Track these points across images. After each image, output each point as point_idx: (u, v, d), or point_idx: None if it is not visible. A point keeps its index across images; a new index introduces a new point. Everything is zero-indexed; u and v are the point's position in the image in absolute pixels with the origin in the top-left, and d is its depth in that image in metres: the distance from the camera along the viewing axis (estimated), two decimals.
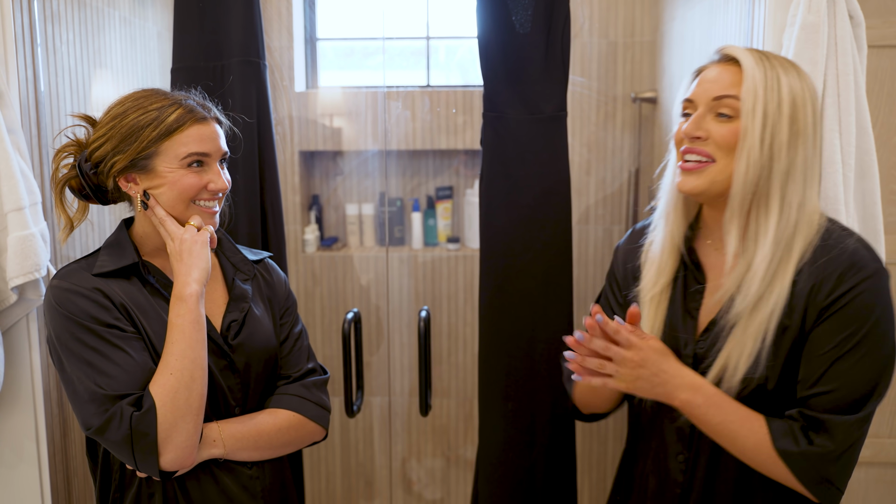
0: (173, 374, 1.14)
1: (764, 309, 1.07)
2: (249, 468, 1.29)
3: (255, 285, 1.37)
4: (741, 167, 1.07)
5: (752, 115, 1.06)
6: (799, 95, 1.07)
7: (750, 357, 1.07)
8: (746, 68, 1.08)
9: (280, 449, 1.31)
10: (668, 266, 1.21)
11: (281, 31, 2.51)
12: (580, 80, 2.50)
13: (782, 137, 1.06)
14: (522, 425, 1.69)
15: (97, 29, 1.80)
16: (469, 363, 2.67)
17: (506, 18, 1.58)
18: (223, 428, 1.25)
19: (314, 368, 1.40)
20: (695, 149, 1.12)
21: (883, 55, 1.68)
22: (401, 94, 2.55)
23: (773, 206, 1.07)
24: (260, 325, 1.32)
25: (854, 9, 1.45)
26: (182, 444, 1.15)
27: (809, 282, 1.07)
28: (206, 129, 1.22)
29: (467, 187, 2.66)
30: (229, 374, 1.27)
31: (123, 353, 1.15)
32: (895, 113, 1.70)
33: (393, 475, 2.73)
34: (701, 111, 1.12)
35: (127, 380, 1.14)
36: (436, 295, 2.64)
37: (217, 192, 1.24)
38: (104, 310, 1.17)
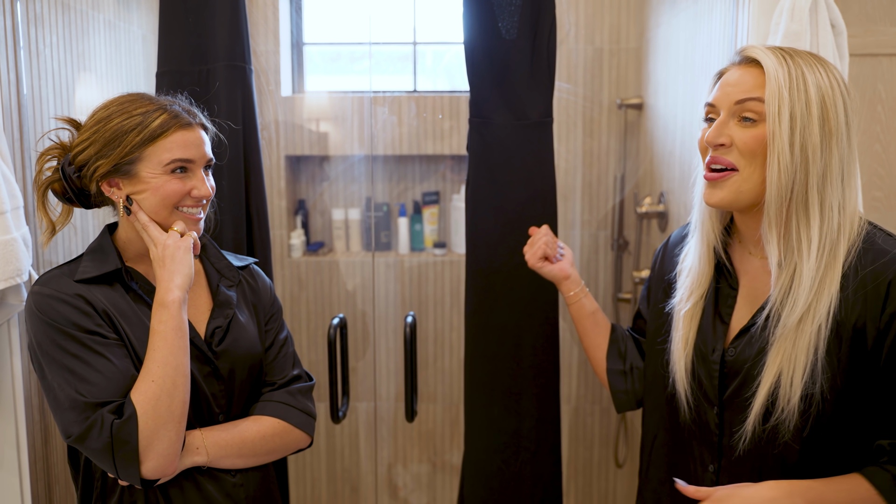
0: (155, 381, 1.13)
1: (813, 320, 1.01)
2: (233, 476, 1.28)
3: (240, 291, 1.36)
4: (773, 173, 1.01)
5: (777, 119, 1.00)
6: (828, 92, 1.01)
7: (804, 371, 1.01)
8: (769, 69, 1.02)
9: (264, 456, 1.30)
10: (703, 277, 1.17)
11: (267, 36, 2.51)
12: (566, 87, 2.51)
13: (815, 140, 1.00)
14: (508, 430, 1.69)
15: (81, 32, 1.78)
16: (455, 368, 2.66)
17: (492, 24, 1.58)
18: (206, 435, 1.23)
19: (299, 375, 1.39)
20: (718, 158, 1.06)
21: (864, 64, 1.70)
22: (387, 99, 2.55)
23: (814, 212, 1.02)
24: (244, 332, 1.31)
25: (836, 18, 1.47)
26: (164, 452, 1.14)
27: (860, 290, 1.01)
28: (190, 135, 1.21)
29: (454, 192, 2.66)
30: (213, 380, 1.26)
31: (105, 359, 1.14)
32: (876, 120, 1.72)
33: (379, 481, 2.72)
34: (723, 117, 1.06)
35: (108, 387, 1.13)
36: (422, 300, 2.64)
37: (201, 198, 1.23)
38: (86, 316, 1.16)
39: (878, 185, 1.74)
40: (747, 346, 1.11)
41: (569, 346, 2.63)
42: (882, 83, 1.71)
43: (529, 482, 1.71)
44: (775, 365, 1.04)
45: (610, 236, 2.59)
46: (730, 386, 1.13)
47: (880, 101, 1.71)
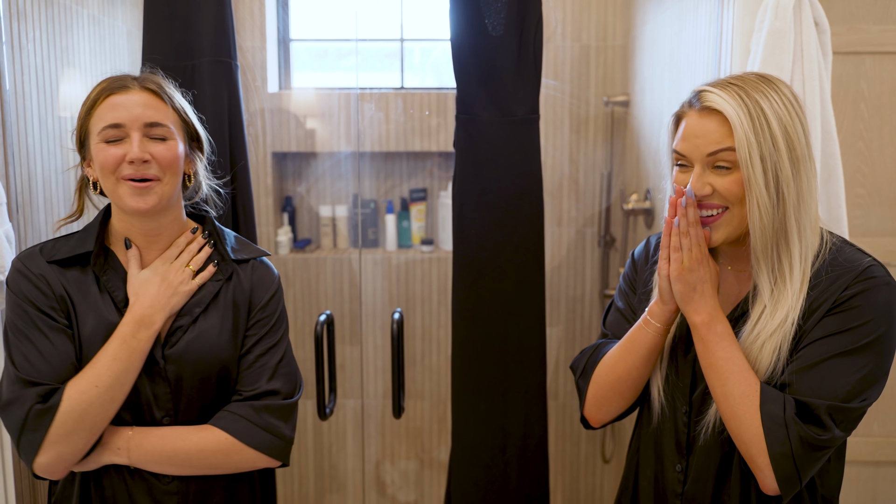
0: (99, 388, 1.12)
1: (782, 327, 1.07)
2: (167, 482, 1.21)
3: (226, 288, 1.26)
4: (755, 217, 1.05)
5: (750, 165, 1.03)
6: (787, 120, 1.05)
7: (766, 370, 1.07)
8: (732, 119, 1.04)
9: (205, 470, 1.21)
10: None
11: (253, 32, 2.50)
12: (553, 84, 2.52)
13: (786, 173, 1.04)
14: (495, 426, 1.69)
15: (65, 27, 1.77)
16: (443, 365, 2.67)
17: (479, 21, 1.58)
18: (136, 437, 1.18)
19: (275, 390, 1.24)
20: (705, 204, 1.10)
21: (847, 62, 1.72)
22: (374, 95, 2.54)
23: (793, 238, 1.06)
24: (205, 336, 1.22)
25: (819, 16, 1.48)
26: (63, 455, 1.12)
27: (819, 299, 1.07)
28: (121, 97, 1.15)
29: (441, 189, 2.66)
30: (159, 381, 1.20)
31: (48, 341, 1.14)
32: (859, 118, 1.73)
33: (366, 477, 2.72)
34: (698, 170, 1.09)
35: (43, 368, 1.13)
36: (409, 297, 2.64)
37: (134, 162, 1.13)
38: (42, 296, 1.16)
39: (861, 182, 1.76)
40: None
41: (555, 343, 2.64)
42: (865, 81, 1.72)
43: (516, 478, 1.71)
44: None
45: (597, 233, 2.60)
46: (699, 386, 1.16)
47: (863, 99, 1.73)
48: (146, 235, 1.22)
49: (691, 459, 1.18)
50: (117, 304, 1.19)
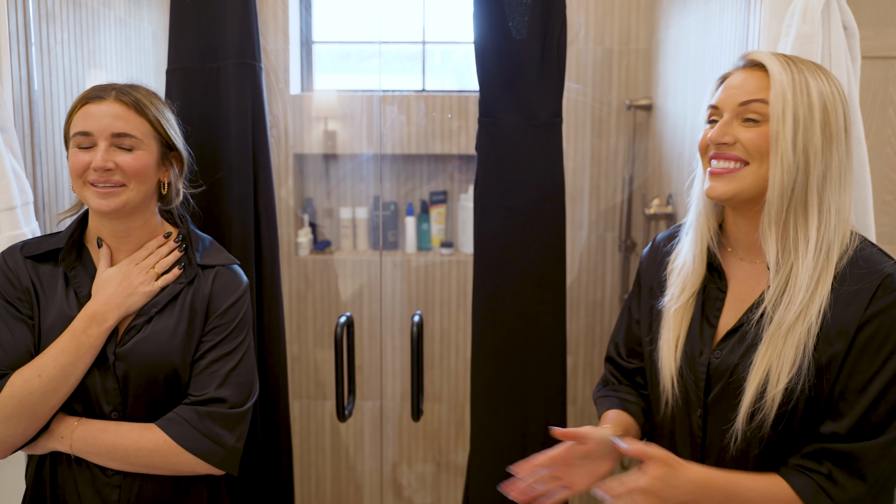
0: (42, 377, 1.17)
1: (804, 319, 1.03)
2: (109, 475, 1.24)
3: (186, 291, 1.28)
4: (776, 173, 1.03)
5: (782, 120, 1.03)
6: (829, 99, 1.04)
7: (792, 367, 1.03)
8: (774, 73, 1.05)
9: (143, 469, 1.23)
10: (696, 276, 1.18)
11: (277, 34, 2.51)
12: (575, 87, 2.51)
13: (816, 142, 1.03)
14: (515, 431, 1.69)
15: (92, 29, 1.79)
16: (461, 368, 2.66)
17: (502, 24, 1.58)
18: (80, 429, 1.22)
19: (222, 398, 1.25)
20: (723, 154, 1.09)
21: (876, 66, 1.69)
22: (396, 98, 2.55)
23: (812, 213, 1.04)
24: (156, 337, 1.24)
25: (848, 20, 1.46)
26: (2, 438, 1.18)
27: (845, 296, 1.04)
28: (93, 108, 1.21)
29: (461, 192, 2.66)
30: (109, 377, 1.23)
31: (7, 330, 1.21)
32: (888, 123, 1.71)
33: (384, 480, 2.72)
34: (727, 117, 1.08)
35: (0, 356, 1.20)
36: (429, 300, 2.64)
37: (97, 169, 1.18)
38: (10, 287, 1.23)
39: (889, 189, 1.73)
40: (734, 349, 1.11)
41: (575, 347, 2.63)
42: (894, 86, 1.70)
43: None
44: (764, 362, 1.06)
45: (618, 237, 2.58)
46: (714, 388, 1.14)
47: (892, 104, 1.70)
48: (115, 236, 1.28)
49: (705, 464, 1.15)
50: (80, 300, 1.24)
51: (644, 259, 1.35)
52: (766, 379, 1.05)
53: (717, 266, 1.18)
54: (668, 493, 1.04)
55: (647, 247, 1.36)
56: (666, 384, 1.20)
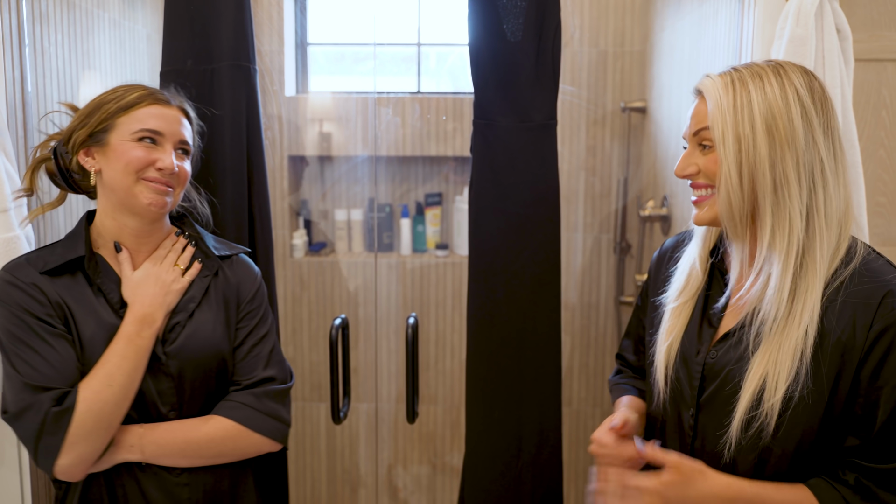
0: (112, 387, 1.15)
1: (795, 326, 1.03)
2: (177, 475, 1.25)
3: (214, 283, 1.32)
4: (722, 195, 1.07)
5: (723, 143, 1.05)
6: (777, 103, 1.04)
7: (789, 374, 1.03)
8: (710, 97, 1.08)
9: (214, 459, 1.26)
10: (696, 280, 1.21)
11: (272, 36, 2.51)
12: (570, 89, 2.51)
13: (761, 154, 1.03)
14: (510, 433, 1.69)
15: (86, 30, 1.79)
16: (456, 370, 2.66)
17: (497, 26, 1.58)
18: (146, 433, 1.22)
19: (272, 377, 1.32)
20: (695, 184, 1.13)
21: (869, 69, 1.70)
22: (391, 100, 2.55)
23: (767, 222, 1.05)
24: (202, 330, 1.27)
25: (841, 22, 1.47)
26: (83, 456, 1.14)
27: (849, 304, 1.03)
28: (165, 110, 1.23)
29: (456, 194, 2.66)
30: (162, 377, 1.24)
31: (50, 347, 1.16)
32: (881, 126, 1.72)
33: (379, 482, 2.72)
34: (689, 148, 1.14)
35: (51, 374, 1.15)
36: (424, 301, 2.64)
37: (164, 170, 1.21)
38: (38, 304, 1.18)
39: (882, 191, 1.74)
40: (730, 350, 1.12)
41: (570, 350, 2.63)
42: (887, 88, 1.70)
43: (530, 485, 1.70)
44: (761, 368, 1.06)
45: (613, 239, 2.59)
46: (707, 388, 1.14)
47: (885, 107, 1.71)
48: (139, 236, 1.27)
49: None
50: (113, 307, 1.22)
51: (653, 263, 1.37)
52: (762, 386, 1.05)
53: (721, 269, 1.20)
54: (677, 499, 1.06)
55: (656, 252, 1.38)
56: (659, 378, 1.21)
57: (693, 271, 1.21)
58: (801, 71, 1.07)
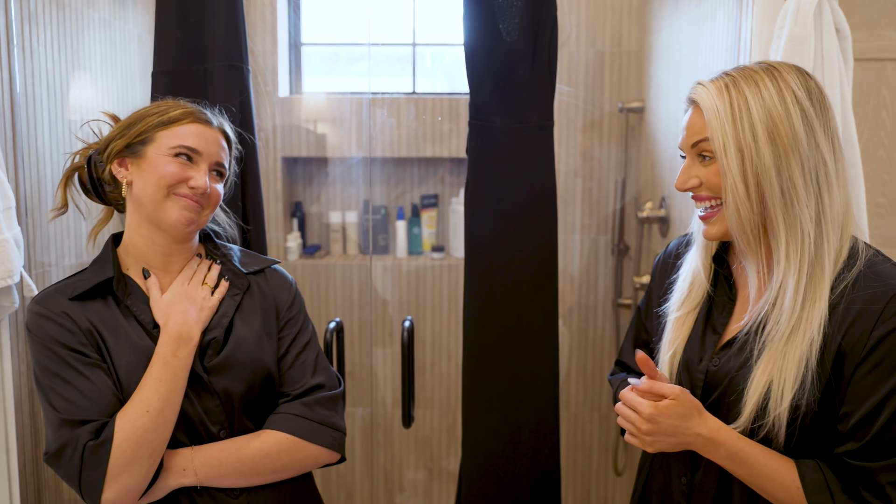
0: (150, 412, 1.10)
1: (804, 334, 1.02)
2: (235, 496, 1.20)
3: (249, 298, 1.29)
4: (731, 207, 1.04)
5: (724, 154, 1.03)
6: (775, 107, 1.02)
7: (794, 382, 1.02)
8: (706, 107, 1.05)
9: (272, 475, 1.21)
10: (699, 289, 1.19)
11: (265, 36, 2.50)
12: (567, 90, 2.51)
13: (766, 162, 1.01)
14: (507, 437, 1.68)
15: (76, 31, 1.77)
16: (453, 374, 2.65)
17: (493, 26, 1.58)
18: (197, 455, 1.17)
19: (321, 384, 1.28)
20: (697, 196, 1.11)
21: (868, 68, 1.69)
22: (386, 100, 2.54)
23: (781, 233, 1.03)
24: (242, 344, 1.23)
25: (840, 22, 1.46)
26: (129, 486, 1.10)
27: (852, 310, 1.01)
28: (204, 129, 1.22)
29: (452, 196, 2.65)
30: (207, 396, 1.20)
31: (85, 378, 1.12)
32: (881, 126, 1.71)
33: (374, 487, 2.70)
34: (688, 160, 1.11)
35: (87, 406, 1.11)
36: (420, 304, 2.63)
37: (196, 189, 1.19)
38: (69, 334, 1.14)
39: (882, 192, 1.73)
40: (732, 358, 1.11)
41: (567, 353, 2.62)
42: (886, 88, 1.70)
43: (528, 489, 1.69)
44: (765, 376, 1.04)
45: (610, 241, 2.58)
46: (711, 395, 1.13)
47: (885, 107, 1.70)
48: (167, 255, 1.23)
49: (697, 473, 1.15)
50: (147, 329, 1.18)
51: (657, 267, 1.35)
52: (767, 394, 1.04)
53: (726, 275, 1.18)
54: (669, 425, 1.07)
55: (659, 255, 1.36)
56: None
57: (696, 280, 1.19)
58: (797, 71, 1.05)
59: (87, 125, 1.39)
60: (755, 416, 1.05)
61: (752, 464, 1.05)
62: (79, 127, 1.56)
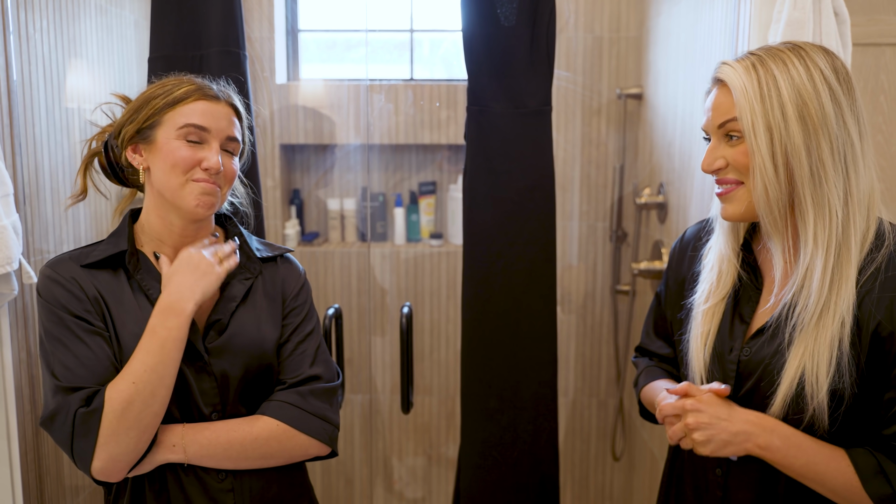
0: (136, 384, 1.11)
1: (832, 315, 1.01)
2: (221, 479, 1.21)
3: (259, 284, 1.29)
4: (759, 187, 1.03)
5: (753, 133, 1.02)
6: (804, 87, 1.01)
7: (829, 366, 1.01)
8: (735, 87, 1.04)
9: (260, 461, 1.21)
10: (727, 278, 1.18)
11: (262, 22, 2.49)
12: (565, 75, 2.51)
13: (796, 142, 1.01)
14: (505, 423, 1.69)
15: (72, 17, 1.77)
16: (451, 360, 2.67)
17: (491, 11, 1.58)
18: (188, 433, 1.18)
19: (318, 375, 1.27)
20: (722, 179, 1.10)
21: (867, 53, 1.70)
22: (384, 87, 2.54)
23: (808, 212, 1.02)
24: (246, 328, 1.24)
25: (839, 6, 1.47)
26: (116, 456, 1.11)
27: (886, 292, 1.01)
28: (212, 106, 1.20)
29: (451, 182, 2.65)
30: (204, 377, 1.20)
31: (84, 346, 1.14)
32: (879, 111, 1.72)
33: (374, 473, 2.72)
34: (713, 141, 1.10)
35: (83, 373, 1.12)
36: (418, 291, 2.64)
37: (210, 170, 1.18)
38: (75, 300, 1.16)
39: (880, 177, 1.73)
40: (765, 345, 1.10)
41: (566, 339, 2.64)
42: (885, 73, 1.70)
43: (526, 475, 1.71)
44: (796, 360, 1.04)
45: (608, 227, 2.59)
46: (745, 386, 1.12)
47: (883, 92, 1.71)
48: (184, 236, 1.23)
49: (731, 466, 1.15)
50: (153, 303, 1.19)
51: (674, 254, 1.34)
52: (801, 379, 1.03)
53: (751, 263, 1.17)
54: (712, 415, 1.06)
55: (675, 241, 1.35)
56: (695, 381, 1.18)
57: (723, 270, 1.18)
58: (823, 51, 1.05)
59: (98, 109, 1.38)
60: (791, 403, 1.04)
61: (807, 449, 1.03)
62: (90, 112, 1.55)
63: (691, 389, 1.10)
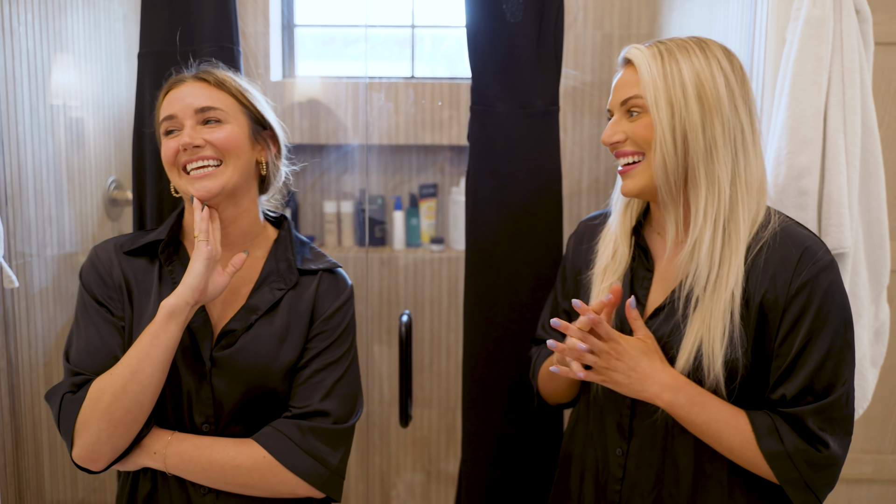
0: (112, 375, 1.13)
1: (723, 289, 1.12)
2: (203, 494, 1.21)
3: (291, 297, 1.26)
4: (658, 158, 1.14)
5: (656, 108, 1.14)
6: (704, 72, 1.14)
7: (723, 338, 1.12)
8: (640, 65, 1.16)
9: (239, 489, 1.19)
10: (622, 259, 1.28)
11: (256, 16, 2.50)
12: (573, 73, 2.51)
13: (693, 118, 1.13)
14: (508, 438, 1.68)
15: (58, 10, 1.77)
16: (452, 371, 2.66)
17: (496, 7, 1.58)
18: (173, 443, 1.18)
19: (326, 411, 1.22)
20: (620, 151, 1.20)
21: (890, 52, 1.70)
22: (383, 85, 2.54)
23: (701, 186, 1.14)
24: (257, 345, 1.22)
25: (861, 3, 1.46)
26: (87, 445, 1.13)
27: (769, 267, 1.13)
28: (177, 91, 1.22)
29: (453, 185, 2.65)
30: (205, 385, 1.20)
31: (97, 333, 1.19)
32: None
33: (370, 490, 2.72)
34: (616, 116, 1.21)
35: (86, 360, 1.18)
36: (418, 299, 2.63)
37: (186, 147, 1.17)
38: (102, 285, 1.22)
39: None
40: (663, 324, 1.20)
41: None
42: None
43: (530, 494, 1.70)
44: (693, 334, 1.14)
45: None
46: None
47: None
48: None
49: (633, 442, 1.23)
50: None
51: (569, 247, 1.44)
52: (699, 352, 1.14)
53: (643, 246, 1.28)
54: (633, 364, 1.14)
55: (571, 234, 1.45)
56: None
57: (618, 249, 1.29)
58: (722, 48, 1.18)
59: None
60: (690, 377, 1.15)
61: (709, 407, 1.13)
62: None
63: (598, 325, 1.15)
